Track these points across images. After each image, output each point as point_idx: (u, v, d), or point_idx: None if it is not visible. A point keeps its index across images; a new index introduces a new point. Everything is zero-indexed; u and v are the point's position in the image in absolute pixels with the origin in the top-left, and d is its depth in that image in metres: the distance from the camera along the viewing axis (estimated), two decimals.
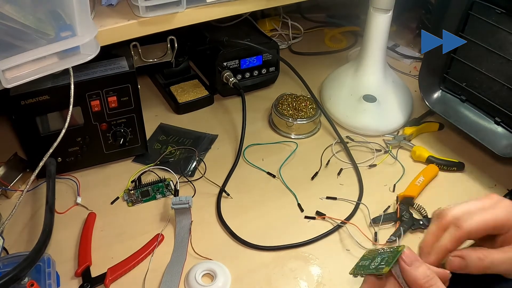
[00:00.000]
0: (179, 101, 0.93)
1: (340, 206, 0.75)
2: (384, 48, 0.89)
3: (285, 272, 0.66)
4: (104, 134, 0.76)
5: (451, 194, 0.78)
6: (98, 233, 0.70)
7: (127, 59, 0.75)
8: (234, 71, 0.94)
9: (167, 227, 0.71)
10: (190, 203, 0.69)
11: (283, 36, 1.19)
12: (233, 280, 0.64)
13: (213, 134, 0.89)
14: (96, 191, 0.76)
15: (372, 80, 0.91)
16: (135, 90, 0.74)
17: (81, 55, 0.58)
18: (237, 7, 0.72)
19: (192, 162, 0.82)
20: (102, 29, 0.62)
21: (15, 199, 0.71)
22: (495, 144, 0.78)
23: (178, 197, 0.70)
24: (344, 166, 0.82)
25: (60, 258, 0.65)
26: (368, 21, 0.87)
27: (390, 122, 0.90)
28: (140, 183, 0.76)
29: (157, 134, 0.89)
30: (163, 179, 0.76)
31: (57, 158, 0.73)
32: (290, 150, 0.86)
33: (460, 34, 0.81)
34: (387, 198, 0.76)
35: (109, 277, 0.62)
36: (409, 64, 1.12)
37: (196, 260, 0.66)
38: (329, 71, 1.01)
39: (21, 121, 0.69)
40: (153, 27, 0.67)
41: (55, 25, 0.55)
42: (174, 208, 0.69)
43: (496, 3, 0.74)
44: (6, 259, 0.60)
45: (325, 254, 0.68)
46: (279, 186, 0.79)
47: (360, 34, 1.14)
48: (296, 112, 0.89)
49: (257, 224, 0.72)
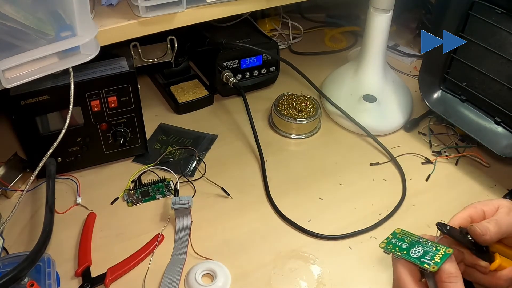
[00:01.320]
0: (179, 101, 0.93)
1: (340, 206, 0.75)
2: (384, 48, 0.89)
3: (285, 272, 0.66)
4: (104, 134, 0.76)
5: (451, 194, 0.78)
6: (98, 233, 0.70)
7: (127, 59, 0.75)
8: (234, 71, 0.93)
9: (167, 227, 0.71)
10: (190, 203, 0.69)
11: (283, 36, 1.19)
12: (233, 280, 0.64)
13: (213, 134, 0.89)
14: (96, 191, 0.76)
15: (372, 80, 0.91)
16: (135, 90, 0.74)
17: (81, 55, 0.58)
18: (237, 7, 0.72)
19: (192, 162, 0.82)
20: (102, 29, 0.62)
21: (15, 199, 0.71)
22: (495, 144, 0.78)
23: (178, 197, 0.70)
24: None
25: (60, 258, 0.65)
26: (368, 21, 0.87)
27: (390, 122, 0.90)
28: (140, 183, 0.76)
29: (157, 134, 0.89)
30: (163, 179, 0.76)
31: (57, 158, 0.73)
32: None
33: (460, 34, 0.81)
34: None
35: (109, 277, 0.62)
36: (409, 64, 1.12)
37: (196, 260, 0.66)
38: (329, 71, 1.01)
39: (21, 121, 0.69)
40: (153, 27, 0.67)
41: (55, 25, 0.55)
42: (174, 208, 0.69)
43: (496, 3, 0.74)
44: (6, 259, 0.60)
45: (325, 254, 0.68)
46: (279, 186, 0.79)
47: (360, 34, 1.14)
48: (296, 112, 0.89)
49: (258, 224, 0.72)
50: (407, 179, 0.80)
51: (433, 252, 0.48)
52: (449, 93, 0.88)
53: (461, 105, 0.86)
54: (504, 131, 0.79)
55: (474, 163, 0.84)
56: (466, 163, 0.84)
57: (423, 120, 0.93)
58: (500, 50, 0.75)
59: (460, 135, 0.89)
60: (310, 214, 0.73)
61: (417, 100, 0.96)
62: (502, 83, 0.77)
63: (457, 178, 0.81)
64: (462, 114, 0.85)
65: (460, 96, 0.86)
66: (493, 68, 0.78)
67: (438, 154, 0.86)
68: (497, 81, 0.77)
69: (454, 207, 0.75)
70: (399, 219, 0.73)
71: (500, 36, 0.75)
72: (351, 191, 0.78)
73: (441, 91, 0.89)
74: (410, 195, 0.77)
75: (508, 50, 0.75)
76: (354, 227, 0.71)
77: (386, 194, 0.78)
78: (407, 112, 0.92)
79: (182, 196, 0.70)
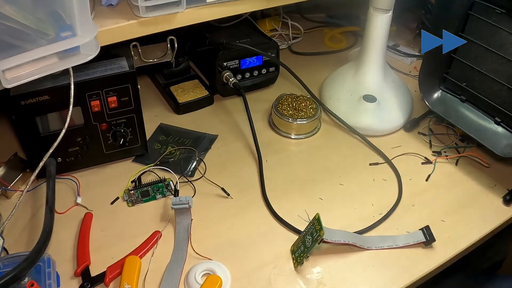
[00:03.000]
0: (179, 101, 0.93)
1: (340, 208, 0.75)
2: (384, 48, 0.89)
3: (285, 272, 0.66)
4: (104, 134, 0.76)
5: (451, 194, 0.78)
6: (98, 233, 0.70)
7: (127, 59, 0.75)
8: (234, 71, 0.93)
9: (167, 227, 0.71)
10: (190, 203, 0.69)
11: (283, 36, 1.19)
12: (233, 280, 0.64)
13: (213, 134, 0.89)
14: (96, 191, 0.76)
15: (372, 80, 0.91)
16: (135, 90, 0.74)
17: (81, 55, 0.58)
18: (237, 7, 0.72)
19: (192, 162, 0.82)
20: (102, 29, 0.62)
21: (15, 199, 0.71)
22: (495, 144, 0.78)
23: (178, 197, 0.70)
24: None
25: (60, 258, 0.65)
26: (368, 21, 0.87)
27: (390, 122, 0.90)
28: (140, 183, 0.76)
29: (157, 134, 0.89)
30: (163, 179, 0.76)
31: (57, 158, 0.73)
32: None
33: (460, 34, 0.81)
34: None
35: (108, 276, 0.62)
36: (409, 64, 1.12)
37: (196, 260, 0.66)
38: (329, 71, 1.01)
39: (21, 121, 0.69)
40: (153, 27, 0.67)
41: (55, 25, 0.55)
42: (174, 208, 0.69)
43: (496, 3, 0.74)
44: (6, 259, 0.60)
45: (325, 254, 0.68)
46: (280, 186, 0.79)
47: (360, 34, 1.14)
48: (296, 112, 0.89)
49: (258, 224, 0.72)
50: (407, 179, 0.80)
51: (311, 229, 0.64)
52: (449, 93, 0.88)
53: (461, 105, 0.86)
54: (504, 131, 0.79)
55: (474, 163, 0.84)
56: (466, 163, 0.84)
57: (423, 120, 0.93)
58: (500, 50, 0.75)
59: (460, 135, 0.89)
60: (310, 214, 0.73)
61: (417, 100, 0.96)
62: (502, 83, 0.77)
63: (457, 178, 0.81)
64: (462, 114, 0.85)
65: (460, 96, 0.86)
66: (493, 68, 0.78)
67: (438, 154, 0.86)
68: (497, 81, 0.77)
69: (454, 207, 0.76)
70: (399, 219, 0.73)
71: (500, 36, 0.75)
72: (351, 191, 0.78)
73: (441, 91, 0.89)
74: (410, 195, 0.77)
75: (508, 50, 0.75)
76: (354, 227, 0.71)
77: (386, 194, 0.78)
78: (407, 112, 0.92)
79: (182, 197, 0.70)
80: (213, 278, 0.62)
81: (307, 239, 0.64)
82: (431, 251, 0.68)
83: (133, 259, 0.64)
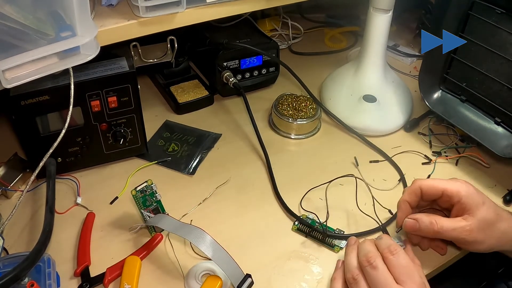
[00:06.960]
0: (179, 101, 0.93)
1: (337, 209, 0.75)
2: (384, 48, 0.89)
3: (285, 272, 0.66)
4: (104, 134, 0.76)
5: None
6: (98, 233, 0.70)
7: (127, 59, 0.75)
8: (234, 71, 0.93)
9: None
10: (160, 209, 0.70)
11: (283, 36, 1.19)
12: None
13: (217, 133, 0.89)
14: (96, 191, 0.76)
15: (372, 80, 0.91)
16: (135, 90, 0.74)
17: (81, 55, 0.58)
18: (237, 7, 0.72)
19: (194, 160, 0.82)
20: (102, 29, 0.62)
21: (15, 199, 0.71)
22: (495, 144, 0.78)
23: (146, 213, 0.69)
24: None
25: (60, 258, 0.65)
26: (368, 21, 0.87)
27: (390, 122, 0.90)
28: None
29: (162, 130, 0.89)
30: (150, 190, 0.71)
31: (57, 158, 0.73)
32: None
33: (460, 34, 0.81)
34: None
35: (108, 277, 0.62)
36: (409, 64, 1.12)
37: (196, 260, 0.66)
38: (329, 71, 1.01)
39: (21, 121, 0.69)
40: (153, 27, 0.67)
41: (55, 25, 0.55)
42: (151, 225, 0.68)
43: (496, 3, 0.74)
44: (6, 259, 0.60)
45: (325, 254, 0.68)
46: (280, 186, 0.79)
47: (360, 34, 1.14)
48: (296, 112, 0.89)
49: (258, 224, 0.72)
50: (407, 179, 0.80)
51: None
52: (449, 93, 0.88)
53: (461, 105, 0.86)
54: (504, 131, 0.79)
55: (474, 163, 0.84)
56: (466, 163, 0.84)
57: (423, 120, 0.93)
58: (500, 50, 0.75)
59: (460, 135, 0.89)
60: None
61: (417, 100, 0.96)
62: (502, 83, 0.77)
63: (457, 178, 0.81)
64: (462, 114, 0.85)
65: (460, 96, 0.86)
66: (493, 68, 0.78)
67: (438, 154, 0.86)
68: (497, 81, 0.77)
69: None
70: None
71: (500, 36, 0.75)
72: (351, 191, 0.78)
73: (441, 91, 0.89)
74: None
75: (508, 50, 0.75)
76: (354, 227, 0.71)
77: (386, 194, 0.78)
78: (407, 112, 0.92)
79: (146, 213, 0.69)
80: (213, 278, 0.62)
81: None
82: (429, 254, 0.68)
83: (133, 259, 0.64)
